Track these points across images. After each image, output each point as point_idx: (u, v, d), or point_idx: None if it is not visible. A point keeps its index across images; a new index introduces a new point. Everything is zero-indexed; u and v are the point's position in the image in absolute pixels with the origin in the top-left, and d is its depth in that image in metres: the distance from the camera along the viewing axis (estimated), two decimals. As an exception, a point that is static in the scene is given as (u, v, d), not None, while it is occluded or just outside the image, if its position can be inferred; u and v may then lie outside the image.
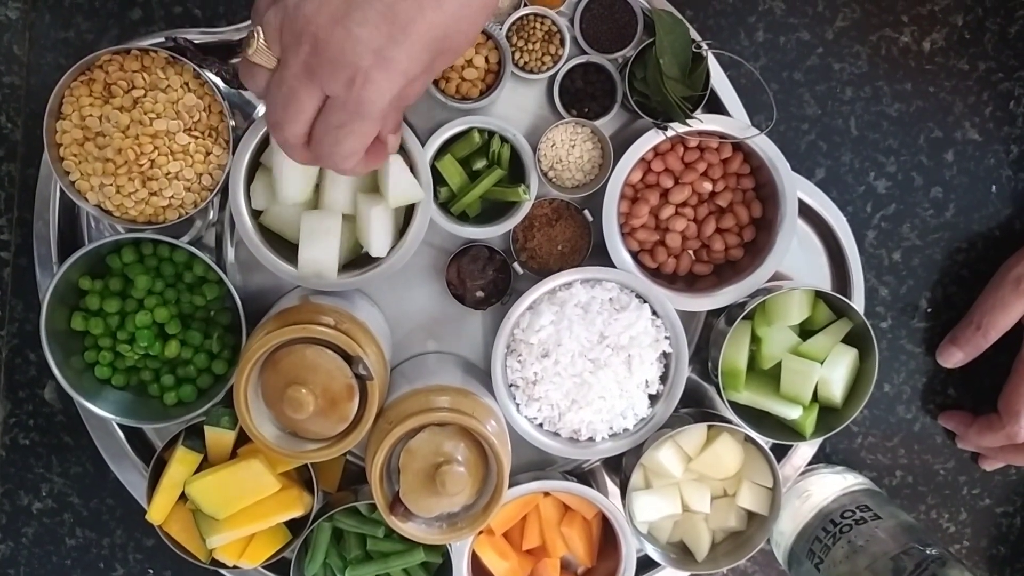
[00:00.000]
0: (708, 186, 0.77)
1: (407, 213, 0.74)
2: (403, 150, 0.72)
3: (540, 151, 0.76)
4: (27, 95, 0.79)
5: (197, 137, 0.73)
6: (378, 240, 0.72)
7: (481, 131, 0.76)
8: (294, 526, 0.77)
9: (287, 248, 0.74)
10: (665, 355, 0.77)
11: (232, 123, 0.74)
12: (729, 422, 0.76)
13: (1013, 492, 0.88)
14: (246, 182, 0.73)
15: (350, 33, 0.54)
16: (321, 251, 0.72)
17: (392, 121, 0.62)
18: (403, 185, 0.71)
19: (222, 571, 0.80)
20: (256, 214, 0.74)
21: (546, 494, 0.80)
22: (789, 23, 0.80)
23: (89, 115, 0.72)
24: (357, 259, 0.77)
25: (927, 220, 0.83)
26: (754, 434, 0.76)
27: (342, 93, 0.56)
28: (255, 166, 0.74)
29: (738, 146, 0.77)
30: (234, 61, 0.75)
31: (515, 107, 0.78)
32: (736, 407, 0.77)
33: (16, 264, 0.81)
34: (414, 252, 0.74)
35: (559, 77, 0.76)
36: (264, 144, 0.73)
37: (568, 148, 0.77)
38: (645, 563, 0.80)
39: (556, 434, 0.78)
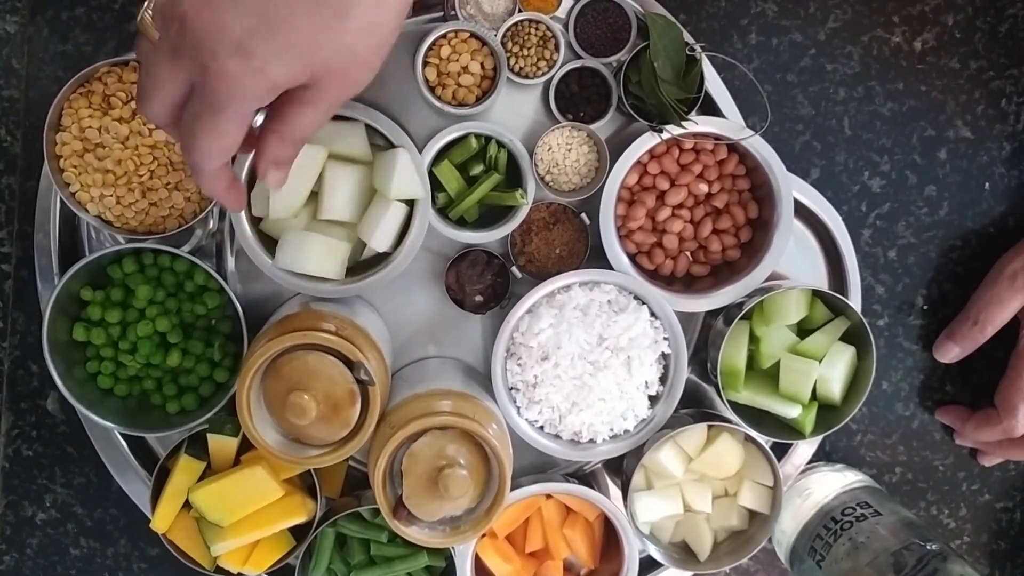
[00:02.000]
0: (704, 188, 0.78)
1: (405, 219, 0.75)
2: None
3: (537, 155, 0.77)
4: (26, 108, 0.79)
5: (196, 147, 0.73)
6: (382, 235, 0.72)
7: (478, 136, 0.76)
8: (298, 532, 0.78)
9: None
10: (664, 356, 0.78)
11: (231, 132, 0.74)
12: (729, 422, 0.77)
13: (1012, 487, 0.88)
14: (246, 190, 0.73)
15: (216, 17, 0.52)
16: (321, 266, 0.73)
17: (273, 148, 0.58)
18: (407, 179, 0.71)
19: (226, 579, 0.80)
20: (256, 221, 0.75)
21: (548, 496, 0.80)
22: (781, 25, 0.81)
23: (88, 127, 0.72)
24: (357, 265, 0.77)
25: (921, 218, 0.84)
26: (754, 433, 0.77)
27: (199, 79, 0.53)
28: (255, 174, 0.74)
29: (733, 147, 0.78)
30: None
31: (511, 112, 0.79)
32: (736, 407, 0.78)
33: (17, 276, 0.81)
34: (413, 257, 0.74)
35: (554, 82, 0.77)
36: None
37: (564, 152, 0.77)
38: (648, 564, 0.81)
39: (557, 436, 0.79)
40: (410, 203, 0.74)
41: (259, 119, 0.77)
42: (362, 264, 0.76)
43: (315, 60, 0.54)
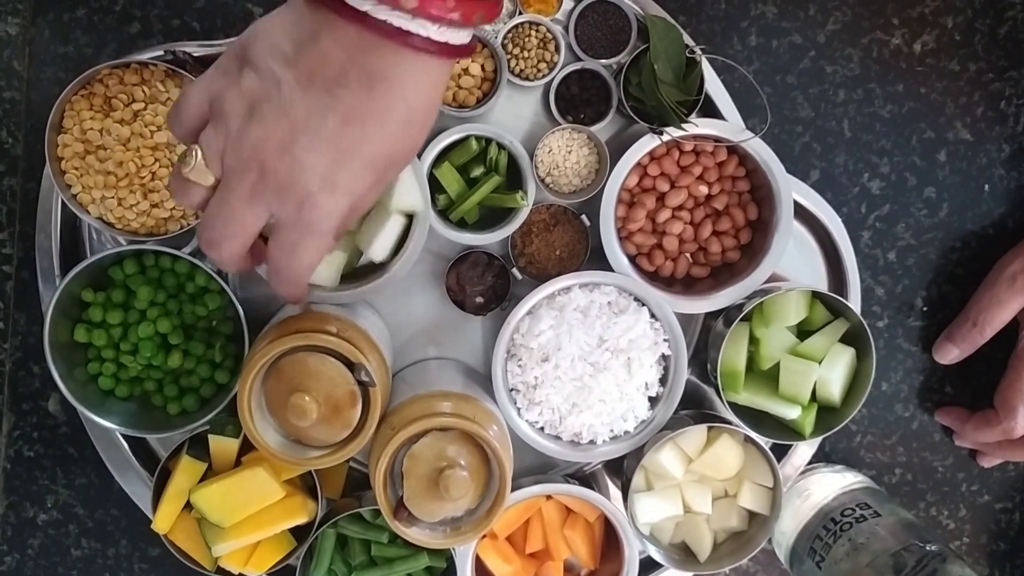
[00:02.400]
0: (704, 189, 0.78)
1: (404, 229, 0.75)
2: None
3: (537, 157, 0.77)
4: (27, 110, 0.80)
5: (197, 149, 0.74)
6: (381, 246, 0.73)
7: (478, 138, 0.76)
8: (299, 533, 0.78)
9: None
10: (664, 357, 0.78)
11: (232, 134, 0.75)
12: (729, 423, 0.77)
13: (1012, 488, 0.88)
14: None
15: (297, 160, 0.54)
16: (317, 274, 0.73)
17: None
18: (409, 193, 0.71)
19: (227, 579, 0.80)
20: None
21: (548, 497, 0.80)
22: (781, 27, 0.81)
23: (90, 128, 0.72)
24: (357, 270, 0.77)
25: (921, 220, 0.84)
26: (754, 434, 0.77)
27: (292, 215, 0.56)
28: None
29: (733, 149, 0.78)
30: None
31: (511, 114, 0.79)
32: (735, 408, 0.78)
33: (19, 277, 0.81)
34: (409, 269, 0.74)
35: (555, 84, 0.77)
36: None
37: (565, 154, 0.77)
38: (648, 564, 0.81)
39: (557, 437, 0.79)
40: (410, 215, 0.75)
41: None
42: (359, 270, 0.77)
43: (387, 166, 0.57)
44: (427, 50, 0.53)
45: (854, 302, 0.81)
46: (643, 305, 0.77)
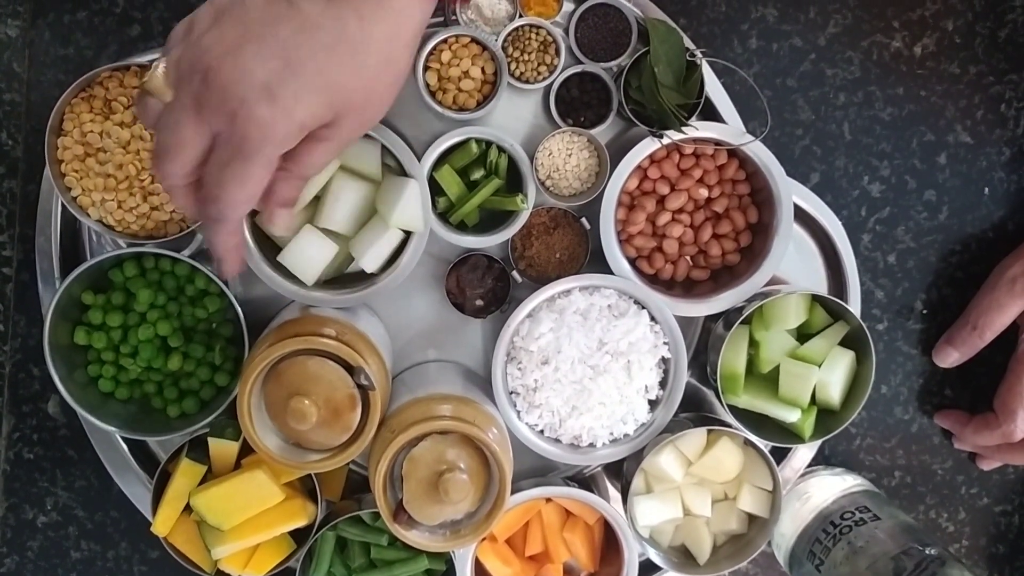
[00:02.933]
0: (704, 192, 0.78)
1: (402, 240, 0.75)
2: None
3: (537, 160, 0.77)
4: (27, 112, 0.80)
5: (197, 151, 0.73)
6: (373, 257, 0.73)
7: (479, 141, 0.76)
8: (298, 536, 0.78)
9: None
10: (664, 360, 0.78)
11: (232, 137, 0.75)
12: (729, 426, 0.77)
13: (1011, 491, 0.88)
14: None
15: (239, 64, 0.52)
16: (305, 266, 0.73)
17: (282, 188, 0.58)
18: (411, 212, 0.71)
19: (227, 582, 0.80)
20: (254, 212, 0.75)
21: (548, 500, 0.80)
22: (782, 30, 0.81)
23: (90, 131, 0.72)
24: (347, 275, 0.77)
25: (921, 223, 0.84)
26: (754, 437, 0.77)
27: (226, 128, 0.53)
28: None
29: (733, 152, 0.78)
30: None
31: (512, 117, 0.79)
32: (735, 411, 0.78)
33: (19, 279, 0.81)
34: (400, 282, 0.75)
35: (555, 87, 0.77)
36: None
37: (565, 157, 0.77)
38: (647, 567, 0.81)
39: (557, 440, 0.79)
40: (408, 231, 0.75)
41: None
42: (349, 275, 0.77)
43: (337, 98, 0.55)
44: None
45: (854, 305, 0.81)
46: (643, 308, 0.77)
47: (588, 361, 0.75)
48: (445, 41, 0.75)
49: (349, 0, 0.54)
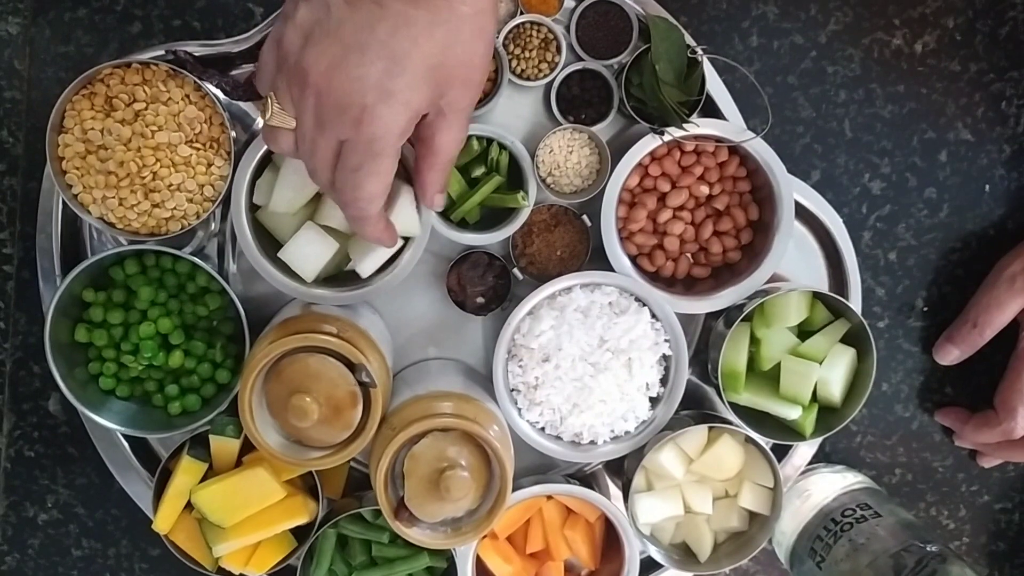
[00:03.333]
0: (705, 190, 0.78)
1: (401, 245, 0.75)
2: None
3: (538, 157, 0.77)
4: (28, 109, 0.79)
5: (199, 149, 0.74)
6: (370, 262, 0.73)
7: (480, 139, 0.76)
8: (299, 533, 0.78)
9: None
10: (665, 358, 0.78)
11: (233, 134, 0.75)
12: (729, 423, 0.77)
13: (1011, 488, 0.88)
14: (250, 182, 0.73)
15: (349, 75, 0.55)
16: (305, 263, 0.73)
17: (432, 179, 0.64)
18: (405, 217, 0.71)
19: (228, 579, 0.80)
20: (255, 208, 0.75)
21: (549, 497, 0.80)
22: (782, 28, 0.81)
23: (91, 128, 0.72)
24: (341, 274, 0.77)
25: (922, 220, 0.84)
26: (754, 435, 0.77)
27: (352, 134, 0.57)
28: (265, 162, 0.74)
29: (734, 150, 0.78)
30: (234, 73, 0.76)
31: (513, 114, 0.79)
32: (736, 408, 0.78)
33: (19, 277, 0.81)
34: (396, 285, 0.75)
35: (556, 84, 0.77)
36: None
37: (566, 154, 0.77)
38: (648, 565, 0.81)
39: (558, 438, 0.79)
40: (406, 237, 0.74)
41: (259, 122, 0.77)
42: (348, 274, 0.77)
43: (443, 78, 0.57)
44: None
45: (855, 302, 0.81)
46: (644, 305, 0.77)
47: (589, 358, 0.75)
48: (446, 38, 0.75)
49: None
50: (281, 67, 0.58)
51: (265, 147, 0.73)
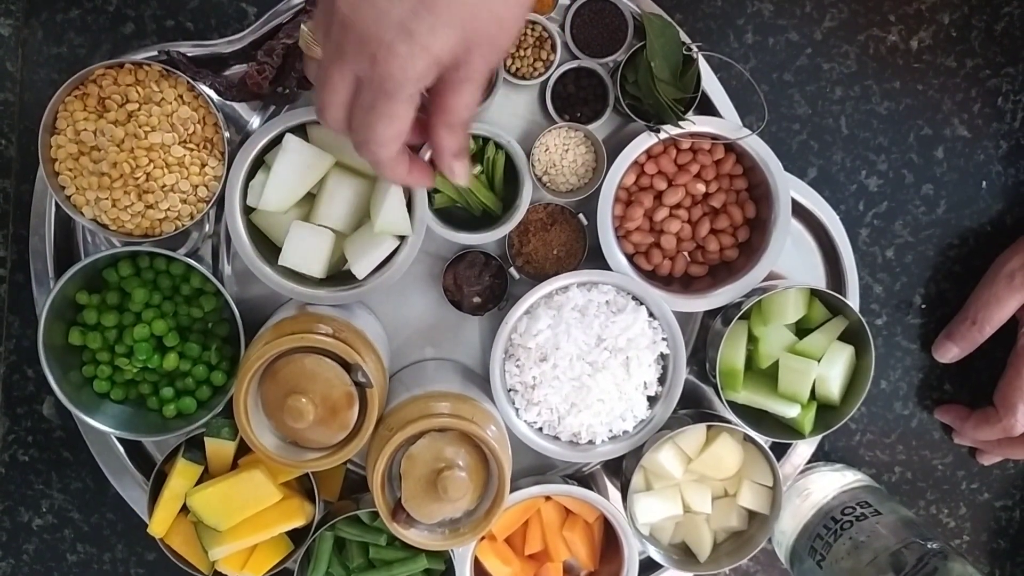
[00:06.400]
0: (701, 187, 0.78)
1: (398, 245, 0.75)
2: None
3: (534, 157, 0.77)
4: (21, 111, 0.79)
5: (192, 149, 0.73)
6: (366, 263, 0.73)
7: (475, 138, 0.76)
8: (296, 536, 0.77)
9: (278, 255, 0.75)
10: (663, 357, 0.78)
11: (227, 135, 0.74)
12: (728, 422, 0.77)
13: (1011, 486, 0.88)
14: (244, 182, 0.73)
15: (374, 6, 0.54)
16: (308, 260, 0.73)
17: (446, 140, 0.61)
18: (393, 216, 0.71)
19: (224, 583, 0.80)
20: (249, 210, 0.74)
21: (547, 498, 0.80)
22: (778, 24, 0.81)
23: (84, 129, 0.72)
24: (339, 273, 0.77)
25: (919, 217, 0.84)
26: (753, 433, 0.77)
27: (368, 70, 0.56)
28: (258, 165, 0.74)
29: (730, 147, 0.77)
30: (228, 73, 0.76)
31: (508, 113, 0.79)
32: (735, 407, 0.78)
33: (12, 280, 0.81)
34: (392, 284, 0.74)
35: (551, 82, 0.77)
36: (271, 145, 0.73)
37: (562, 153, 0.77)
38: (648, 565, 0.80)
39: (556, 438, 0.78)
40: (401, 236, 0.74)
41: (253, 123, 0.76)
42: (344, 274, 0.76)
43: (469, 30, 0.56)
44: None
45: (852, 300, 0.81)
46: (641, 304, 0.77)
47: (587, 358, 0.75)
48: (440, 37, 0.75)
49: None
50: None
51: (259, 147, 0.73)
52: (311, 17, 0.60)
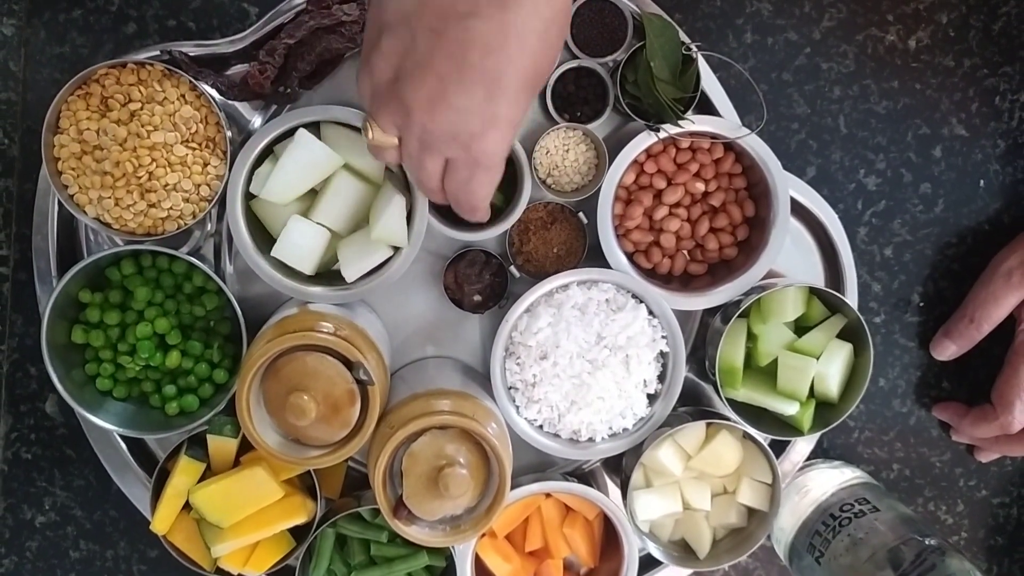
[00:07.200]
0: (701, 186, 0.78)
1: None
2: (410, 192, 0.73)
3: (536, 159, 0.77)
4: (24, 111, 0.79)
5: (194, 148, 0.74)
6: (357, 269, 0.73)
7: (475, 137, 0.76)
8: (298, 533, 0.78)
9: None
10: (662, 354, 0.78)
11: (229, 134, 0.75)
12: (727, 419, 0.77)
13: (1009, 483, 0.88)
14: (246, 181, 0.73)
15: (451, 107, 0.55)
16: (300, 256, 0.74)
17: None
18: (392, 226, 0.71)
19: (226, 580, 0.80)
20: (252, 226, 0.75)
21: (548, 495, 0.80)
22: (777, 24, 0.81)
23: (87, 129, 0.72)
24: (329, 272, 0.77)
25: (917, 216, 0.84)
26: (752, 431, 0.77)
27: (462, 155, 0.58)
28: (266, 154, 0.74)
29: (729, 146, 0.78)
30: (230, 72, 0.76)
31: (508, 112, 0.79)
32: (734, 404, 0.78)
33: (16, 279, 0.81)
34: (387, 288, 0.75)
35: (551, 82, 0.77)
36: (279, 137, 0.74)
37: (563, 153, 0.77)
38: (647, 562, 0.81)
39: (556, 435, 0.79)
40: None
41: (255, 122, 0.77)
42: (330, 273, 0.77)
43: (537, 84, 0.58)
44: None
45: (851, 298, 0.81)
46: (641, 302, 0.77)
47: (587, 356, 0.75)
48: (441, 37, 0.75)
49: (519, 1, 0.54)
50: (376, 95, 0.58)
51: (263, 144, 0.73)
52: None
